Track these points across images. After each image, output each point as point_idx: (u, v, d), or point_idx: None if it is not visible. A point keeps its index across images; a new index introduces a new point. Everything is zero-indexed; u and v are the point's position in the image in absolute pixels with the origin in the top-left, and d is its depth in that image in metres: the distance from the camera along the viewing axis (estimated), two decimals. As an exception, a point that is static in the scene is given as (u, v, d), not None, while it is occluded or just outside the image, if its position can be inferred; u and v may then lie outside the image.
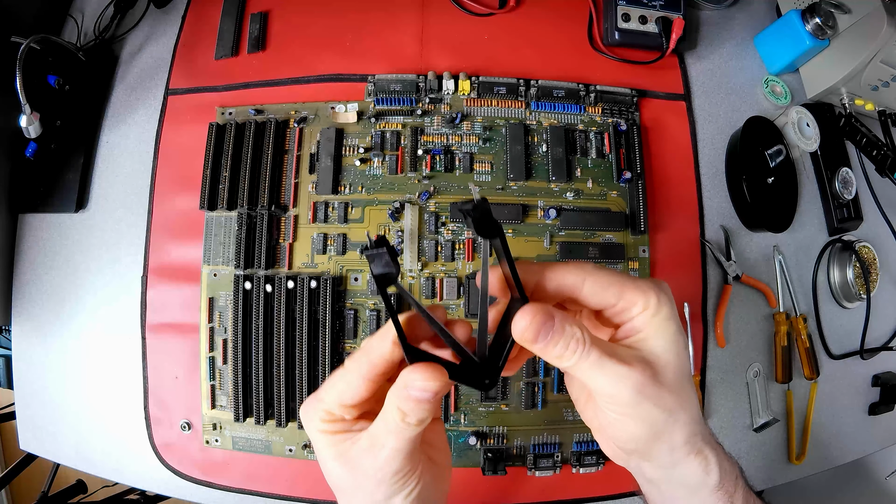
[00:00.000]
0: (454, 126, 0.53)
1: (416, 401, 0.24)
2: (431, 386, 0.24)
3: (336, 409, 0.27)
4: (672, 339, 0.25)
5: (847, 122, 0.62)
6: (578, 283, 0.26)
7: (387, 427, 0.26)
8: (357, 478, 0.27)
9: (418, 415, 0.25)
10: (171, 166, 0.55)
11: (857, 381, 0.62)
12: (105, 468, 0.54)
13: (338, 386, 0.27)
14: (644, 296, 0.25)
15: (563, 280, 0.26)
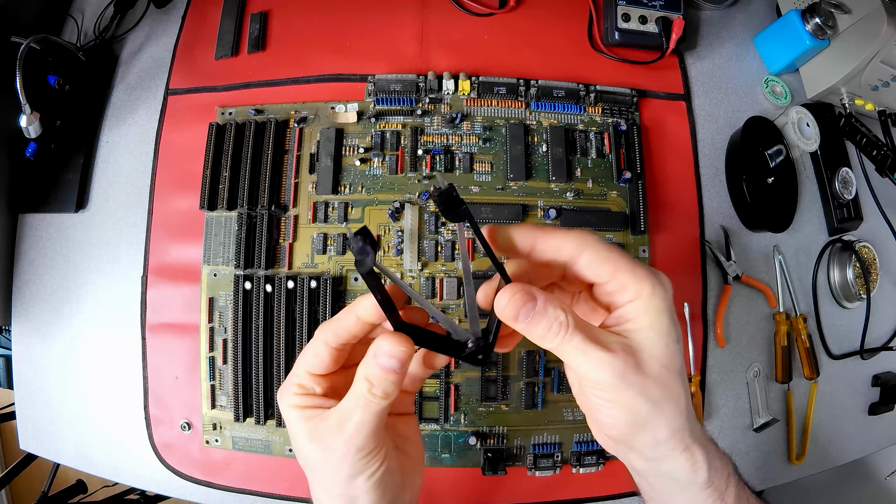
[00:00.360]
0: (454, 126, 0.53)
1: (383, 369, 0.25)
2: (398, 352, 0.25)
3: (305, 379, 0.28)
4: (662, 331, 0.25)
5: (847, 122, 0.62)
6: (576, 255, 0.25)
7: (354, 399, 0.26)
8: (324, 454, 0.27)
9: (384, 386, 0.25)
10: (171, 166, 0.55)
11: (857, 381, 0.62)
12: (105, 468, 0.54)
13: (305, 356, 0.28)
14: (637, 282, 0.25)
15: (560, 250, 0.26)
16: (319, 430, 0.27)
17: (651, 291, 0.25)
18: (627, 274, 0.25)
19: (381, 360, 0.25)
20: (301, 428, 0.27)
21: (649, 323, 0.25)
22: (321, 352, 0.27)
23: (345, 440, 0.26)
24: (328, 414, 0.27)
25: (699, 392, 0.54)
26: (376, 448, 0.27)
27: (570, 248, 0.25)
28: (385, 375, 0.25)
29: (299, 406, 0.28)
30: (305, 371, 0.28)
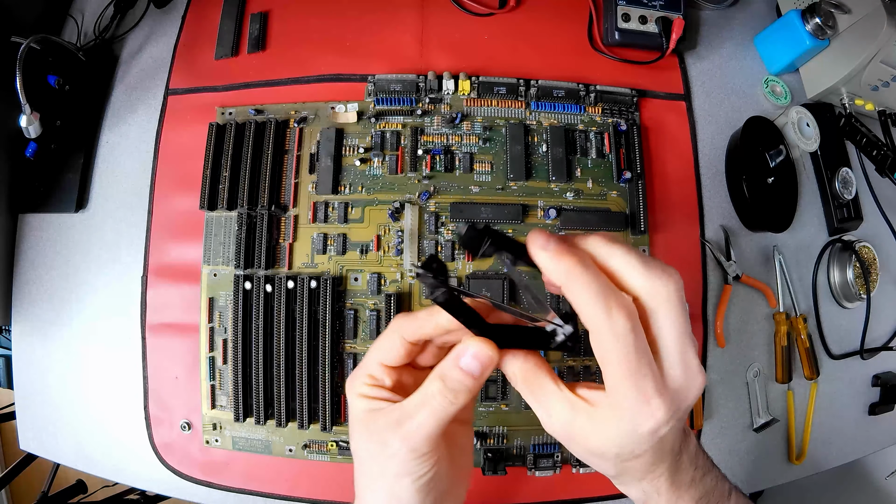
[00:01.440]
0: (454, 126, 0.53)
1: (462, 372, 0.25)
2: (484, 355, 0.24)
3: (377, 370, 0.27)
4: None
5: (847, 122, 0.62)
6: (605, 257, 0.24)
7: (422, 399, 0.26)
8: (377, 448, 0.26)
9: (459, 390, 0.25)
10: (171, 166, 0.55)
11: (857, 381, 0.62)
12: (105, 468, 0.54)
13: (379, 346, 0.28)
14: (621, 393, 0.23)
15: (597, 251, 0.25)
16: (379, 423, 0.26)
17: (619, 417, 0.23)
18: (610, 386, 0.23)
19: (464, 361, 0.25)
20: (361, 418, 0.27)
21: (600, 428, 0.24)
22: (396, 344, 0.27)
23: (401, 438, 0.26)
24: (391, 409, 0.26)
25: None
26: (430, 452, 0.26)
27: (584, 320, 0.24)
28: (463, 379, 0.25)
29: (366, 396, 0.27)
30: (378, 361, 0.28)
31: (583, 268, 0.23)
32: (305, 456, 0.50)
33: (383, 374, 0.28)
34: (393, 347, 0.27)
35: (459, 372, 0.25)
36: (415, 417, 0.25)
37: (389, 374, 0.28)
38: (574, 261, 0.23)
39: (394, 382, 0.28)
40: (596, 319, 0.22)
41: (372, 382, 0.28)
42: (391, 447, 0.26)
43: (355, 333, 0.50)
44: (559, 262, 0.23)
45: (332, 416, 0.49)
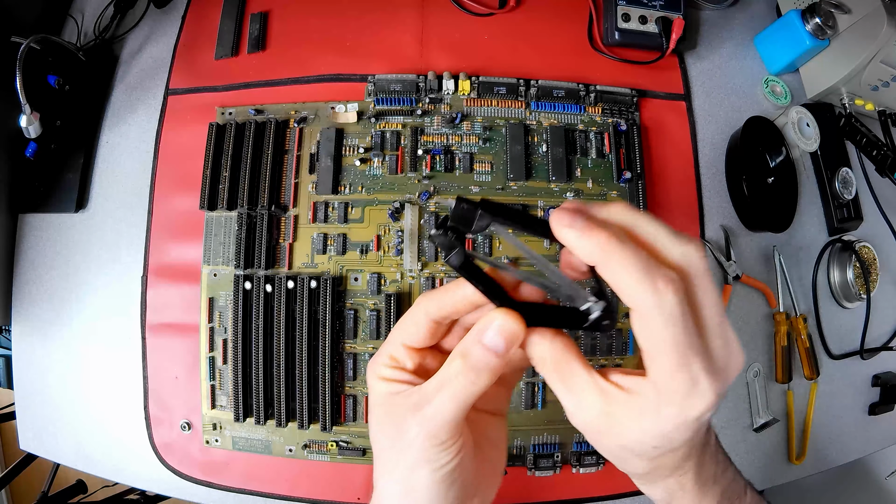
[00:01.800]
0: (454, 126, 0.53)
1: (484, 348, 0.22)
2: (508, 329, 0.22)
3: (399, 351, 0.26)
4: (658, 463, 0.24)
5: (847, 122, 0.62)
6: (633, 227, 0.22)
7: (441, 380, 0.23)
8: (395, 433, 0.24)
9: (481, 368, 0.23)
10: (171, 166, 0.55)
11: (857, 381, 0.62)
12: (105, 468, 0.54)
13: (402, 325, 0.26)
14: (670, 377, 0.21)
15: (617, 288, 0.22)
16: (397, 406, 0.24)
17: (667, 405, 0.21)
18: (657, 372, 0.21)
19: (487, 336, 0.22)
20: (381, 402, 0.25)
21: (638, 417, 0.22)
22: (420, 322, 0.25)
23: (418, 422, 0.23)
24: (410, 392, 0.24)
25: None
26: (451, 440, 0.24)
27: (629, 303, 0.21)
28: (485, 356, 0.22)
29: (387, 378, 0.25)
30: (400, 342, 0.26)
31: (619, 242, 0.20)
32: (305, 456, 0.50)
33: (405, 356, 0.26)
34: (416, 326, 0.25)
35: (481, 348, 0.22)
36: (433, 401, 0.23)
37: (412, 357, 0.26)
38: (607, 235, 0.20)
39: (416, 365, 0.26)
40: (641, 298, 0.20)
41: (393, 364, 0.26)
42: (409, 433, 0.24)
43: (355, 333, 0.50)
44: (591, 238, 0.20)
45: (332, 416, 0.49)
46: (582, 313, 0.23)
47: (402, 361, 0.26)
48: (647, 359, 0.21)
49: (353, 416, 0.50)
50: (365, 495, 0.51)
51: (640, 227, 0.22)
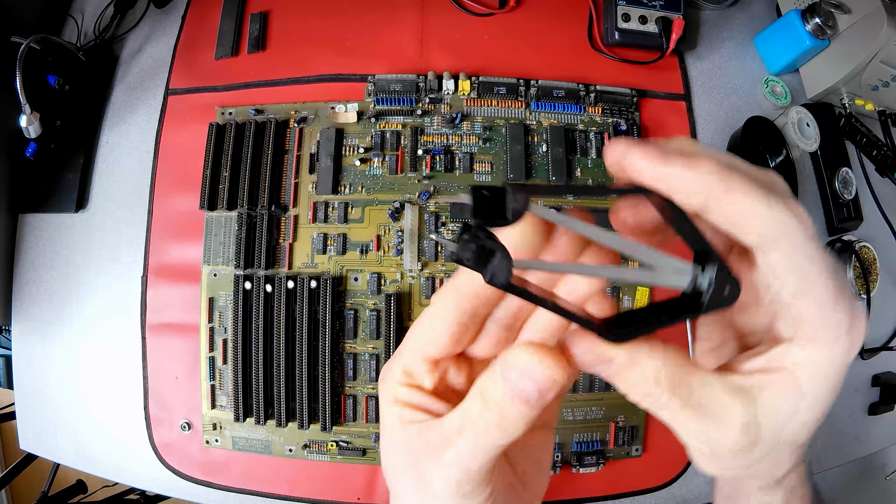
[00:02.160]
0: (454, 126, 0.53)
1: (510, 396, 0.17)
2: (542, 376, 0.16)
3: (415, 364, 0.20)
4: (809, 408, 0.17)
5: (847, 122, 0.62)
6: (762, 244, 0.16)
7: (462, 421, 0.18)
8: (412, 475, 0.19)
9: (508, 419, 0.17)
10: (171, 166, 0.55)
11: (857, 381, 0.62)
12: (105, 468, 0.54)
13: (418, 332, 0.19)
14: (824, 329, 0.16)
15: (741, 226, 0.16)
16: (412, 443, 0.19)
17: (833, 340, 0.16)
18: (816, 308, 0.16)
19: (512, 377, 0.17)
20: (396, 430, 0.20)
21: (804, 391, 0.17)
22: (437, 325, 0.19)
23: (439, 469, 0.18)
24: (429, 426, 0.19)
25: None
26: (481, 486, 0.19)
27: (764, 234, 0.16)
28: (511, 404, 0.17)
29: (401, 402, 0.20)
30: (416, 351, 0.20)
31: (730, 166, 0.16)
32: (305, 456, 0.50)
33: (423, 370, 0.20)
34: (434, 327, 0.19)
35: (506, 395, 0.17)
36: (456, 446, 0.18)
37: (432, 371, 0.20)
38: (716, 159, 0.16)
39: (437, 382, 0.20)
40: (782, 223, 0.15)
41: (408, 381, 0.20)
42: (431, 485, 0.19)
43: (355, 333, 0.50)
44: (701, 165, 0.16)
45: (332, 416, 0.49)
46: (690, 295, 0.16)
47: (418, 378, 0.20)
48: (789, 306, 0.16)
49: (353, 416, 0.50)
50: (365, 495, 0.51)
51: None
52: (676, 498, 0.53)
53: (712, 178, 0.15)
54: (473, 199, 0.15)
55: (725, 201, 0.15)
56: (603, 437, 0.51)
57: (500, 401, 0.17)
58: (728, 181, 0.15)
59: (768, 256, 0.16)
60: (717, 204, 0.16)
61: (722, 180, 0.15)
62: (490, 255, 0.15)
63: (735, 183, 0.15)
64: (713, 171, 0.15)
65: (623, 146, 0.16)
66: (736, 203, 0.15)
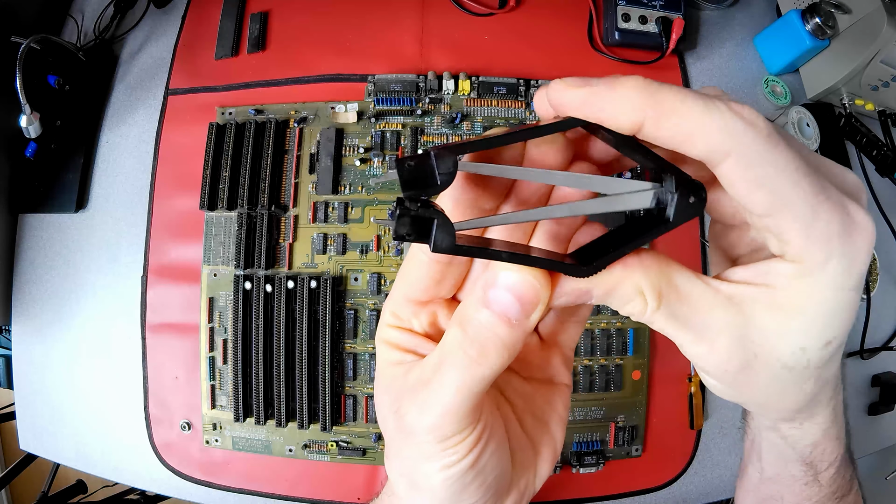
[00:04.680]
0: (454, 126, 0.53)
1: (491, 314, 0.16)
2: (524, 286, 0.16)
3: (402, 307, 0.20)
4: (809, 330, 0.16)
5: (847, 122, 0.62)
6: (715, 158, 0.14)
7: (439, 356, 0.17)
8: (393, 422, 0.19)
9: (488, 344, 0.16)
10: (171, 166, 0.55)
11: (857, 381, 0.62)
12: (105, 468, 0.54)
13: (403, 275, 0.19)
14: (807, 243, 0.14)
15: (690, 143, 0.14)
16: (396, 384, 0.19)
17: (823, 259, 0.14)
18: (795, 223, 0.14)
19: (494, 294, 0.16)
20: (384, 373, 0.19)
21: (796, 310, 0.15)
22: (420, 266, 0.18)
23: (417, 411, 0.18)
24: (410, 366, 0.18)
25: (699, 392, 0.54)
26: (459, 434, 0.17)
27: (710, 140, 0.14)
28: (492, 326, 0.16)
29: (390, 343, 0.19)
30: (403, 295, 0.19)
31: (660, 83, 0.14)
32: (305, 456, 0.50)
33: (410, 313, 0.19)
34: (419, 272, 0.18)
35: (486, 314, 0.16)
36: (430, 385, 0.17)
37: (418, 314, 0.19)
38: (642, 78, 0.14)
39: (428, 326, 0.19)
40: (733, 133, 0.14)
41: (396, 323, 0.20)
42: (408, 423, 0.18)
43: (355, 333, 0.50)
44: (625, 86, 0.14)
45: (332, 416, 0.49)
46: (655, 212, 0.16)
47: (406, 321, 0.19)
48: (765, 223, 0.15)
49: (353, 416, 0.50)
50: (365, 495, 0.51)
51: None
52: (676, 498, 0.53)
53: (638, 95, 0.14)
54: (399, 172, 0.15)
55: (659, 118, 0.14)
56: (603, 437, 0.51)
57: (480, 326, 0.16)
58: (656, 95, 0.14)
59: (722, 171, 0.14)
60: (652, 123, 0.14)
61: (650, 95, 0.14)
62: (429, 223, 0.15)
63: (664, 95, 0.14)
64: (638, 86, 0.14)
65: (544, 89, 0.16)
66: (670, 116, 0.14)
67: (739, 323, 0.16)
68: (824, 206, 0.14)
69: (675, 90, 0.14)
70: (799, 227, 0.14)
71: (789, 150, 0.14)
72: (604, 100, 0.14)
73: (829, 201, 0.14)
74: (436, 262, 0.18)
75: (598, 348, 0.52)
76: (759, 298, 0.16)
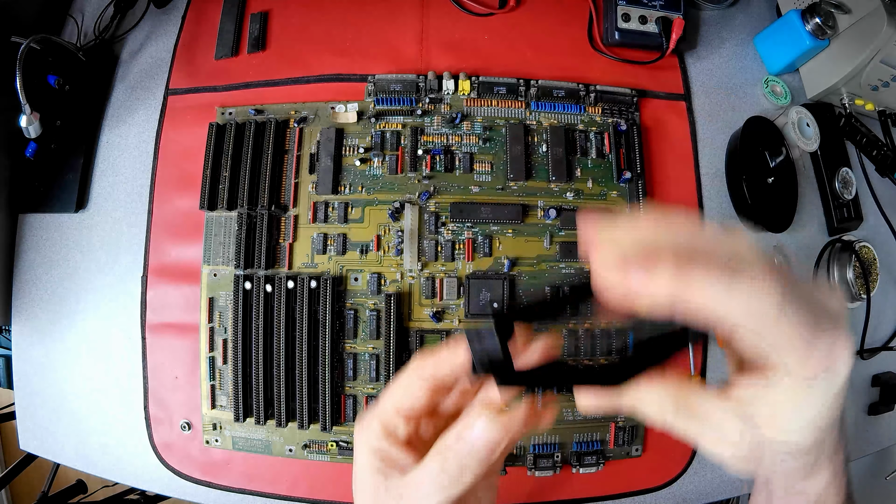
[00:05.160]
0: (454, 126, 0.53)
1: (467, 454, 0.22)
2: (493, 437, 0.21)
3: (390, 418, 0.24)
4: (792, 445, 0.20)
5: (847, 122, 0.62)
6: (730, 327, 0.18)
7: (425, 473, 0.23)
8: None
9: (464, 474, 0.22)
10: (171, 166, 0.55)
11: (857, 381, 0.62)
12: (105, 468, 0.54)
13: (395, 389, 0.24)
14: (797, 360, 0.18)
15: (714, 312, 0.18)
16: (380, 492, 0.24)
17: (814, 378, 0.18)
18: (794, 354, 0.18)
19: (468, 437, 0.22)
20: (368, 479, 0.24)
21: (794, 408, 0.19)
22: (414, 388, 0.24)
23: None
24: (397, 482, 0.23)
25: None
26: None
27: (730, 319, 0.17)
28: (466, 462, 0.22)
29: (375, 451, 0.24)
30: (393, 407, 0.24)
31: (687, 261, 0.17)
32: (305, 456, 0.50)
33: (397, 423, 0.24)
34: (411, 391, 0.24)
35: (460, 452, 0.22)
36: (415, 497, 0.23)
37: (405, 424, 0.24)
38: (673, 260, 0.18)
39: (409, 434, 0.24)
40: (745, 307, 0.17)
41: (383, 432, 0.24)
42: None
43: (355, 333, 0.50)
44: (657, 273, 0.18)
45: (332, 416, 0.49)
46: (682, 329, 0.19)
47: (393, 429, 0.24)
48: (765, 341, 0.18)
49: (353, 416, 0.50)
50: (365, 495, 0.51)
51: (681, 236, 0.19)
52: (676, 498, 0.53)
53: (672, 283, 0.17)
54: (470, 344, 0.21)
55: (688, 298, 0.17)
56: (603, 437, 0.51)
57: (456, 459, 0.22)
58: (687, 280, 0.17)
59: (738, 332, 0.18)
60: (682, 301, 0.18)
61: (682, 282, 0.17)
62: (496, 363, 0.20)
63: (694, 278, 0.17)
64: (671, 275, 0.17)
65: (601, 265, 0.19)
66: (698, 297, 0.17)
67: (747, 419, 0.19)
68: (817, 340, 0.18)
69: (702, 270, 0.17)
70: (797, 357, 0.18)
71: (795, 310, 0.17)
72: (644, 285, 0.18)
73: (821, 335, 0.18)
74: (433, 387, 0.23)
75: (598, 348, 0.52)
76: (764, 398, 0.19)
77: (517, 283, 0.52)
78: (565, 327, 0.52)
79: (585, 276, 0.20)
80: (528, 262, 0.52)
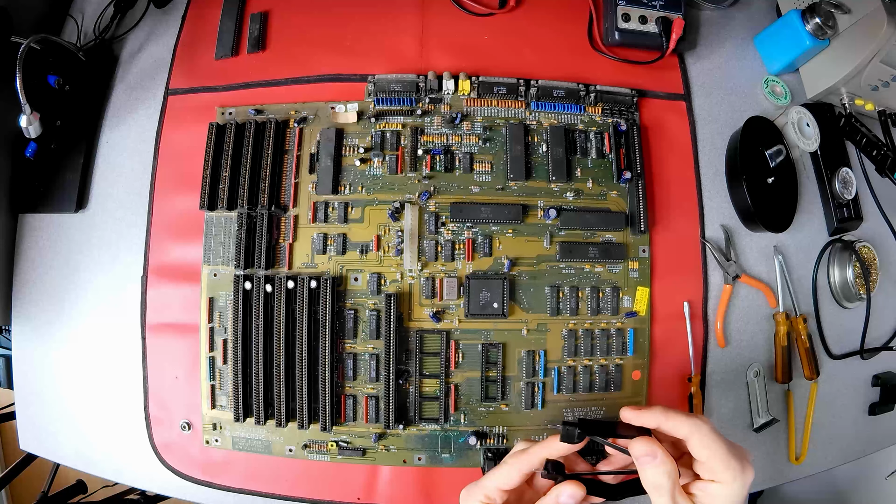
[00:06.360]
0: (454, 126, 0.53)
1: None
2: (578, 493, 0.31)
3: (493, 493, 0.34)
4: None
5: (847, 122, 0.62)
6: (688, 436, 0.31)
7: None
8: None
9: None
10: (171, 166, 0.55)
11: (857, 381, 0.62)
12: (105, 468, 0.54)
13: (499, 475, 0.34)
14: (724, 471, 0.31)
15: (678, 430, 0.32)
16: None
17: (731, 480, 0.31)
18: (719, 462, 0.31)
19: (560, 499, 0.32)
20: None
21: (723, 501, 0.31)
22: (514, 477, 0.34)
23: None
24: None
25: (699, 392, 0.54)
26: None
27: (685, 431, 0.31)
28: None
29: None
30: (496, 486, 0.34)
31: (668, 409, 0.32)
32: (305, 456, 0.50)
33: (497, 495, 0.34)
34: (510, 478, 0.34)
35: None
36: None
37: (501, 496, 0.34)
38: (661, 407, 0.32)
39: (505, 501, 0.34)
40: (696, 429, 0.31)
41: (486, 501, 0.34)
42: None
43: (355, 333, 0.50)
44: (652, 412, 0.32)
45: (332, 416, 0.49)
46: None
47: (493, 500, 0.34)
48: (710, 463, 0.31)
49: (353, 416, 0.50)
50: (365, 495, 0.51)
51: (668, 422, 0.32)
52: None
53: (660, 416, 0.32)
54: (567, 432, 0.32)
55: (669, 425, 0.32)
56: (603, 437, 0.51)
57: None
58: (667, 415, 0.32)
59: (691, 443, 0.31)
60: (665, 426, 0.32)
61: (665, 417, 0.32)
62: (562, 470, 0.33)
63: (671, 415, 0.32)
64: (660, 413, 0.32)
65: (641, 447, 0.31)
66: (671, 423, 0.32)
67: None
68: (734, 460, 0.31)
69: (675, 413, 0.32)
70: (721, 467, 0.31)
71: (721, 438, 0.31)
72: (648, 421, 0.33)
73: (736, 458, 0.31)
74: (529, 471, 0.34)
75: (598, 348, 0.52)
76: (712, 496, 0.31)
77: (517, 283, 0.52)
78: (565, 327, 0.52)
79: None
80: (528, 262, 0.52)
